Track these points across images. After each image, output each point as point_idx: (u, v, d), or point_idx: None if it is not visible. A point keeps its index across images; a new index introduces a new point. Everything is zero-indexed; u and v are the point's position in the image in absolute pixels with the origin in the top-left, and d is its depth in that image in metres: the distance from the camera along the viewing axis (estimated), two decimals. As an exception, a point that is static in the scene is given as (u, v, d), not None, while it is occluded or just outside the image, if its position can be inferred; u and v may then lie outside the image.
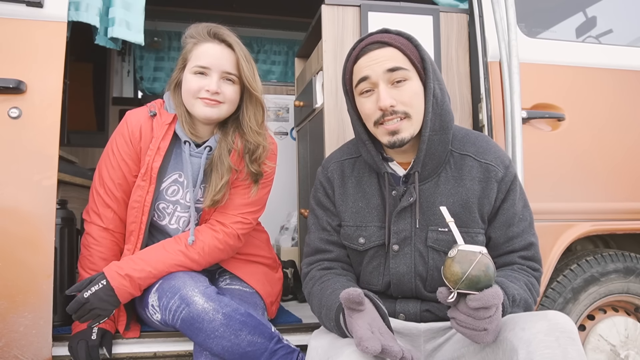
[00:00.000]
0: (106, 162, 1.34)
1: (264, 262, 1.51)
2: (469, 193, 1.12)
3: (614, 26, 1.87)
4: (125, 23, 1.47)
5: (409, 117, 1.10)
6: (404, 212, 1.13)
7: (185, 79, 1.30)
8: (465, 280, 0.86)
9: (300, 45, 2.15)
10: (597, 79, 1.69)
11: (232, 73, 1.29)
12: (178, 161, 1.35)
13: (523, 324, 0.91)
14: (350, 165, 1.22)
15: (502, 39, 1.59)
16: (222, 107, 1.29)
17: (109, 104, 3.08)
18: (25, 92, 1.30)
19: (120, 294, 1.21)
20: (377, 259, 1.16)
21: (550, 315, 0.92)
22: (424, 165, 1.12)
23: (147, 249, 1.30)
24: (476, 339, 0.89)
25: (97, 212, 1.35)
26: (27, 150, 1.30)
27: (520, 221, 1.14)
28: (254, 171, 1.33)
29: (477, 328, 0.88)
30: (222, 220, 1.34)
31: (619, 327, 1.64)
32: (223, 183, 1.29)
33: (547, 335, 0.87)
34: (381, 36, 1.12)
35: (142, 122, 1.33)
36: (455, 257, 0.88)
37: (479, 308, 0.86)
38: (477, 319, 0.87)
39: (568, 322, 0.91)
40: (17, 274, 1.27)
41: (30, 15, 1.33)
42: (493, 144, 1.19)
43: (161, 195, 1.34)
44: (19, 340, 1.26)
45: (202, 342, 1.19)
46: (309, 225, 1.27)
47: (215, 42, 1.30)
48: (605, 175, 1.66)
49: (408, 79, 1.10)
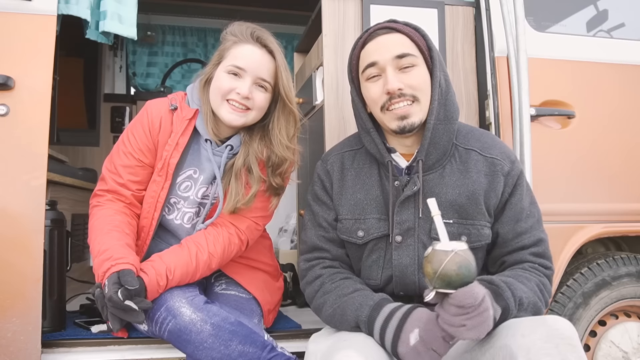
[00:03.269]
0: (122, 147, 1.31)
1: (265, 269, 1.47)
2: (475, 185, 1.12)
3: (626, 20, 1.84)
4: (118, 16, 1.45)
5: (417, 101, 1.10)
6: (407, 201, 1.12)
7: (218, 77, 1.26)
8: (437, 280, 0.88)
9: (299, 39, 2.13)
10: (609, 74, 1.67)
11: (267, 80, 1.27)
12: (195, 157, 1.32)
13: (523, 330, 0.91)
14: (351, 158, 1.22)
15: (510, 33, 1.56)
16: (249, 114, 1.26)
17: (101, 101, 3.02)
18: (13, 88, 1.28)
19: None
20: (376, 252, 1.15)
21: (550, 321, 0.92)
22: (428, 154, 1.12)
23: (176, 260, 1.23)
24: (457, 335, 0.90)
25: (108, 190, 1.29)
26: (15, 149, 1.27)
27: (528, 217, 1.13)
28: (276, 185, 1.31)
29: (454, 324, 0.89)
30: (236, 223, 1.31)
31: (632, 333, 1.61)
32: (253, 193, 1.27)
33: (546, 342, 0.87)
34: (389, 24, 1.14)
35: (162, 114, 1.30)
36: (428, 257, 0.90)
37: (454, 306, 0.88)
38: (454, 315, 0.88)
39: (568, 328, 0.91)
40: (4, 277, 1.24)
41: (18, 8, 1.31)
42: (498, 140, 1.19)
43: (174, 190, 1.32)
44: (7, 347, 1.23)
45: (191, 353, 1.16)
46: (305, 221, 1.26)
47: (257, 46, 1.26)
48: (617, 175, 1.63)
49: (416, 65, 1.10)
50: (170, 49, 3.49)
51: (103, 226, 1.22)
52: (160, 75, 3.43)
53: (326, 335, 1.10)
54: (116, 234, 1.21)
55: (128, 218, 1.28)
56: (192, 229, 1.34)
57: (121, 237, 1.20)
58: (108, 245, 1.17)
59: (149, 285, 1.14)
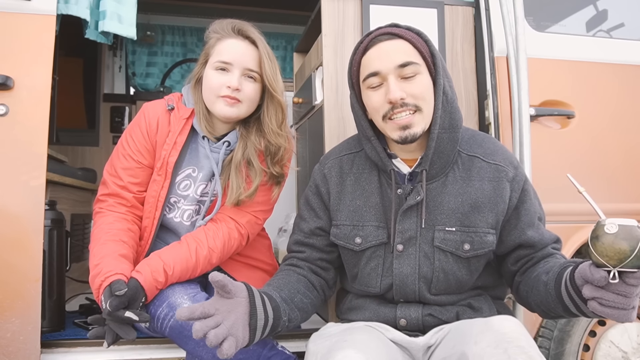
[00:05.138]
0: (120, 150, 1.32)
1: (264, 268, 1.47)
2: (478, 193, 1.11)
3: (626, 20, 1.84)
4: (117, 16, 1.45)
5: (420, 111, 1.07)
6: (409, 211, 1.11)
7: (207, 75, 1.29)
8: (633, 259, 0.79)
9: (299, 39, 2.12)
10: (608, 74, 1.66)
11: (254, 70, 1.28)
12: (193, 156, 1.33)
13: (475, 337, 0.92)
14: (349, 162, 1.20)
15: (509, 33, 1.56)
16: (241, 106, 1.28)
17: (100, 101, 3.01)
18: (12, 88, 1.28)
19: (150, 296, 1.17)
20: (375, 260, 1.14)
21: (496, 325, 0.92)
22: (432, 163, 1.10)
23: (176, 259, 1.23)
24: (621, 319, 0.85)
25: (110, 194, 1.29)
26: (15, 149, 1.27)
27: (540, 219, 1.15)
28: (276, 173, 1.33)
29: (627, 307, 0.84)
30: (236, 218, 1.32)
31: (631, 333, 1.60)
32: (256, 185, 1.28)
33: (495, 349, 0.87)
34: (391, 29, 1.10)
35: (159, 115, 1.31)
36: (617, 233, 0.79)
37: (636, 286, 0.82)
38: (629, 296, 0.83)
39: (514, 329, 0.91)
40: (4, 277, 1.24)
41: (17, 8, 1.30)
42: (500, 145, 1.18)
43: (173, 190, 1.32)
44: (6, 347, 1.23)
45: (191, 350, 1.16)
46: (294, 223, 1.27)
47: (239, 38, 1.28)
48: (616, 174, 1.62)
49: (419, 73, 1.07)
50: (170, 49, 3.49)
51: (100, 236, 1.22)
52: (160, 75, 3.43)
53: (326, 336, 1.10)
54: (111, 244, 1.20)
55: (128, 224, 1.27)
56: (192, 226, 1.34)
57: (115, 248, 1.19)
58: (100, 259, 1.16)
59: (144, 284, 1.13)
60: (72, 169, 2.08)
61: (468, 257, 1.10)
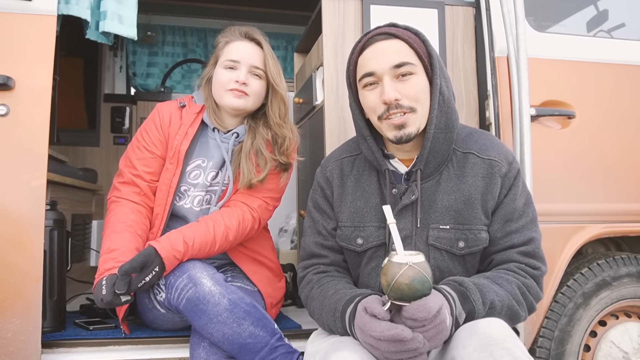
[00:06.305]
0: (135, 143, 1.44)
1: (268, 265, 1.52)
2: (471, 189, 1.10)
3: (627, 20, 1.83)
4: (118, 17, 1.45)
5: (414, 111, 1.07)
6: (404, 210, 1.11)
7: (217, 73, 1.43)
8: (390, 292, 0.89)
9: (299, 39, 2.12)
10: (609, 75, 1.66)
11: (260, 68, 1.43)
12: (203, 148, 1.45)
13: (463, 341, 0.92)
14: (350, 164, 1.21)
15: (510, 33, 1.55)
16: (248, 98, 1.41)
17: (101, 101, 3.00)
18: (13, 88, 1.28)
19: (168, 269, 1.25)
20: (375, 260, 1.14)
21: (480, 328, 0.92)
22: (427, 163, 1.11)
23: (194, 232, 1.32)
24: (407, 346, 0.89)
25: (125, 183, 1.41)
26: (15, 149, 1.27)
27: (520, 217, 1.10)
28: (283, 162, 1.45)
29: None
30: (248, 202, 1.41)
31: (632, 333, 1.60)
32: (266, 170, 1.40)
33: (482, 352, 0.87)
34: (388, 29, 1.10)
35: (172, 111, 1.46)
36: (383, 268, 0.90)
37: (408, 319, 0.88)
38: (410, 327, 0.88)
39: (499, 332, 0.91)
40: (5, 277, 1.24)
41: (18, 8, 1.30)
42: (497, 141, 1.17)
43: (184, 179, 1.43)
44: (7, 347, 1.23)
45: (203, 325, 1.18)
46: (305, 227, 1.26)
47: (246, 40, 1.44)
48: (617, 175, 1.62)
49: (414, 73, 1.07)
50: (171, 49, 3.48)
51: (117, 225, 1.32)
52: (161, 76, 3.42)
53: (323, 336, 1.10)
54: (128, 235, 1.30)
55: (142, 218, 1.38)
56: (202, 213, 1.42)
57: (132, 240, 1.30)
58: (117, 246, 1.26)
59: (162, 251, 1.20)
60: (72, 169, 2.08)
61: (463, 255, 1.10)
